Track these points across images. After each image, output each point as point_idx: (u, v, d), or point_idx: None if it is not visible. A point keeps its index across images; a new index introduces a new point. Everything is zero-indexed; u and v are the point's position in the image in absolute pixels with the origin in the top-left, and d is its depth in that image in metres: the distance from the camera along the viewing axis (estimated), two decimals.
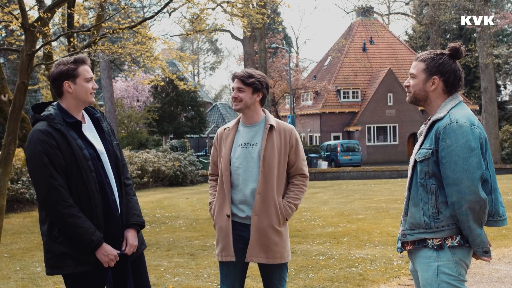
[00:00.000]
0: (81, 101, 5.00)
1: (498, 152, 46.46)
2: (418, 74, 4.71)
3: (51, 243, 4.85)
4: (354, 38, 68.53)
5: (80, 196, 4.81)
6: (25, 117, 18.80)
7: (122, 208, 5.07)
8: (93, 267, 4.86)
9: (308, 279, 9.66)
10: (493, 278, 9.39)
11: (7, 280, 10.33)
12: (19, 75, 10.14)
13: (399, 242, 4.82)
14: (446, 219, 4.49)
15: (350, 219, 17.17)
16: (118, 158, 5.15)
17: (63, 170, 4.78)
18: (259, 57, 44.06)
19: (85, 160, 4.83)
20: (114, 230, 4.99)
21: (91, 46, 15.21)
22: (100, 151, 5.01)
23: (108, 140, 5.13)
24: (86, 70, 4.99)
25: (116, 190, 5.05)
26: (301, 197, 5.91)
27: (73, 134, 4.89)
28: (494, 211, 4.56)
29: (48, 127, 4.81)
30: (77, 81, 4.95)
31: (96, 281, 4.95)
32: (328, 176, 41.82)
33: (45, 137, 4.76)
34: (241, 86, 5.74)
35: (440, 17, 46.15)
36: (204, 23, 19.08)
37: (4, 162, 9.53)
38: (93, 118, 5.19)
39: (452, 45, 4.68)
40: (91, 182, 4.83)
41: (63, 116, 4.93)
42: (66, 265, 4.83)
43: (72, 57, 5.03)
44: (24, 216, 20.33)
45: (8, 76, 39.88)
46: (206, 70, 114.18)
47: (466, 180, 4.36)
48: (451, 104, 4.62)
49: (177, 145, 44.08)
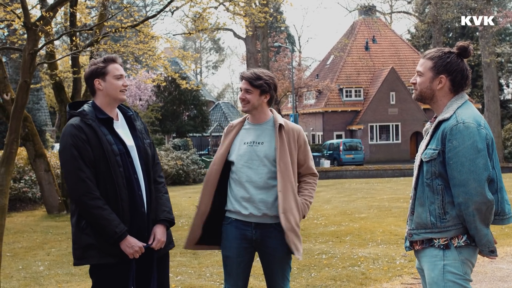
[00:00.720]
0: (112, 98, 5.21)
1: (501, 151, 46.44)
2: (425, 72, 4.68)
3: (78, 234, 5.03)
4: (356, 37, 68.48)
5: (107, 190, 4.98)
6: (28, 116, 18.83)
7: (149, 204, 5.21)
8: (117, 259, 4.99)
9: (311, 278, 9.65)
10: (496, 277, 9.40)
11: (9, 279, 10.33)
12: (22, 74, 10.13)
13: (407, 241, 4.80)
14: (453, 219, 4.47)
15: (352, 218, 17.16)
16: (148, 155, 5.29)
17: (91, 164, 4.96)
18: (261, 56, 44.05)
19: (114, 155, 5.01)
20: (139, 225, 5.13)
21: (93, 45, 15.21)
22: (130, 147, 5.19)
23: (140, 138, 5.30)
24: (115, 68, 5.21)
25: (143, 186, 5.20)
26: (314, 195, 5.96)
27: (104, 129, 5.07)
28: (500, 210, 4.55)
29: (80, 122, 5.02)
30: (107, 78, 5.17)
31: (120, 274, 5.06)
32: (330, 175, 41.78)
33: (76, 131, 4.97)
34: (249, 87, 5.74)
35: (443, 15, 46.10)
36: (206, 22, 19.10)
37: (7, 161, 9.52)
38: (126, 117, 5.38)
39: (461, 44, 4.65)
40: (118, 177, 5.00)
41: (96, 112, 5.14)
42: (91, 256, 4.98)
43: (102, 57, 5.25)
44: (26, 215, 20.34)
45: (10, 75, 39.83)
46: (208, 69, 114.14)
47: (473, 182, 4.34)
48: (458, 104, 4.60)
49: (180, 144, 44.09)
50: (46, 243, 14.19)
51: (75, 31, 15.16)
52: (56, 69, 20.12)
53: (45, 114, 48.09)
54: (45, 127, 44.95)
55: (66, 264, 11.54)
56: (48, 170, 19.68)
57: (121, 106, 5.41)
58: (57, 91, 20.67)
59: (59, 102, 20.86)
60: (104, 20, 14.87)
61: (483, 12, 42.54)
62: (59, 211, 19.87)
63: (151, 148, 5.38)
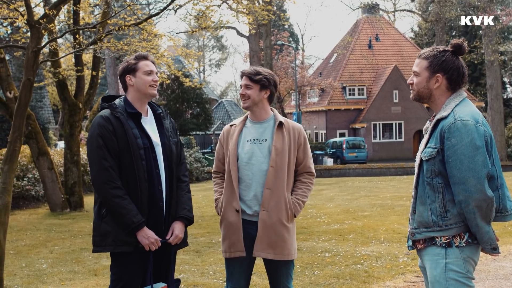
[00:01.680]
0: (142, 93, 5.40)
1: (504, 149, 46.38)
2: (421, 72, 4.69)
3: (98, 222, 5.24)
4: (359, 35, 68.41)
5: (128, 181, 5.16)
6: (31, 114, 18.85)
7: (168, 199, 5.37)
8: (132, 249, 5.13)
9: (314, 276, 9.65)
10: (498, 275, 9.39)
11: (12, 276, 10.34)
12: (25, 72, 10.13)
13: (410, 241, 4.80)
14: (454, 217, 4.47)
15: (355, 216, 17.16)
16: (172, 153, 5.45)
17: (116, 155, 5.16)
18: (264, 54, 44.02)
19: (138, 148, 5.19)
20: (156, 219, 5.28)
21: (96, 43, 15.20)
22: (155, 143, 5.36)
23: (166, 135, 5.46)
24: (146, 64, 5.41)
25: (164, 181, 5.37)
26: (308, 195, 5.94)
27: (131, 123, 5.27)
28: (502, 207, 4.55)
29: (109, 115, 5.23)
30: (137, 74, 5.38)
31: (136, 263, 5.21)
32: (333, 173, 41.79)
33: (103, 122, 5.18)
34: (249, 83, 5.76)
35: (446, 14, 46.05)
36: (209, 20, 19.08)
37: (10, 159, 9.51)
38: (156, 114, 5.58)
39: (455, 42, 4.66)
40: (140, 170, 5.18)
41: (126, 106, 5.35)
42: (108, 244, 5.17)
43: (134, 54, 5.50)
44: (29, 213, 20.36)
45: (13, 73, 39.89)
46: (211, 67, 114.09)
47: (472, 179, 4.34)
48: (455, 102, 4.60)
49: (183, 142, 44.06)
50: (49, 241, 14.20)
51: (79, 29, 15.17)
52: (59, 67, 20.11)
53: (48, 112, 48.20)
54: (48, 125, 45.02)
55: (69, 262, 11.55)
56: (51, 168, 19.69)
57: (152, 104, 5.59)
58: (60, 89, 20.67)
59: (62, 100, 20.86)
60: (107, 18, 14.86)
61: (486, 10, 42.48)
62: (62, 209, 19.89)
63: (178, 147, 5.54)
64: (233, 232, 5.72)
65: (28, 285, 9.73)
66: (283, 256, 5.70)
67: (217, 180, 6.09)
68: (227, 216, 5.77)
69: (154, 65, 5.49)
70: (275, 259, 5.69)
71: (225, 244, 5.79)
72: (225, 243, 5.79)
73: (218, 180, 6.07)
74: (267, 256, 5.67)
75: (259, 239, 5.66)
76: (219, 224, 5.94)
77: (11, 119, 14.22)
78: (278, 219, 5.66)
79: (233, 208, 5.73)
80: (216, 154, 6.09)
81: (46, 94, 48.73)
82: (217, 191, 6.02)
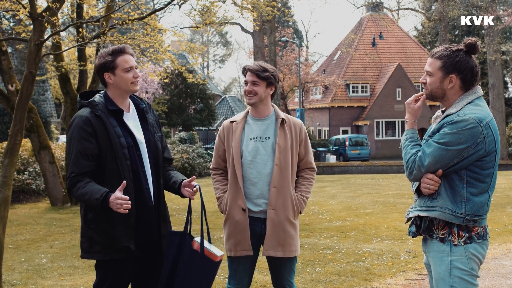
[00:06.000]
0: (124, 90, 5.14)
1: (505, 148, 46.37)
2: (435, 72, 4.63)
3: (85, 228, 5.04)
4: (363, 33, 68.45)
5: (113, 183, 4.89)
6: (33, 108, 18.80)
7: (157, 198, 5.18)
8: (122, 256, 4.98)
9: (315, 273, 9.63)
10: (498, 274, 9.40)
11: (11, 271, 10.30)
12: (27, 65, 10.08)
13: (413, 226, 4.80)
14: (442, 201, 4.49)
15: (357, 214, 17.13)
16: (158, 149, 5.24)
17: (94, 158, 4.93)
18: (269, 51, 43.95)
19: (121, 148, 4.96)
20: (147, 218, 5.10)
21: (100, 37, 15.16)
22: (139, 140, 5.14)
23: (151, 131, 5.23)
24: (124, 60, 5.08)
25: (151, 180, 5.16)
26: (311, 190, 5.95)
27: (113, 121, 5.02)
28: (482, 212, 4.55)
29: (88, 114, 4.98)
30: (116, 72, 5.06)
31: (124, 270, 5.07)
32: (336, 170, 41.74)
33: (82, 124, 4.93)
34: (256, 79, 5.72)
35: (449, 13, 46.01)
36: (214, 15, 19.04)
37: (11, 152, 9.46)
38: (139, 109, 5.29)
39: (468, 41, 4.59)
40: (125, 170, 4.95)
41: (106, 103, 5.09)
42: (96, 251, 4.99)
43: (110, 48, 5.13)
44: (30, 207, 20.32)
45: (15, 66, 39.82)
46: (215, 62, 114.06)
47: (429, 158, 4.46)
48: (468, 100, 4.56)
49: (186, 137, 44.03)
50: (50, 236, 14.16)
51: (82, 22, 15.13)
52: (62, 60, 20.07)
53: (50, 105, 48.15)
54: (50, 118, 44.95)
55: (69, 257, 11.51)
56: (52, 162, 19.65)
57: (134, 98, 5.35)
58: (62, 83, 20.62)
59: (64, 93, 20.82)
60: (111, 12, 14.82)
61: (488, 10, 42.46)
62: (63, 203, 19.84)
63: (162, 142, 5.33)
64: (239, 231, 5.71)
65: (27, 280, 9.69)
66: (291, 253, 5.73)
67: (217, 177, 6.04)
68: (233, 215, 5.74)
69: (133, 57, 5.17)
70: (284, 256, 5.71)
71: (230, 243, 5.77)
72: (230, 242, 5.77)
73: (219, 177, 6.02)
74: (277, 254, 5.69)
75: (268, 239, 5.67)
76: (222, 222, 5.91)
77: (12, 112, 14.17)
78: (286, 216, 5.68)
79: (239, 207, 5.71)
80: (215, 150, 6.04)
81: (49, 88, 48.65)
82: (219, 188, 5.97)
